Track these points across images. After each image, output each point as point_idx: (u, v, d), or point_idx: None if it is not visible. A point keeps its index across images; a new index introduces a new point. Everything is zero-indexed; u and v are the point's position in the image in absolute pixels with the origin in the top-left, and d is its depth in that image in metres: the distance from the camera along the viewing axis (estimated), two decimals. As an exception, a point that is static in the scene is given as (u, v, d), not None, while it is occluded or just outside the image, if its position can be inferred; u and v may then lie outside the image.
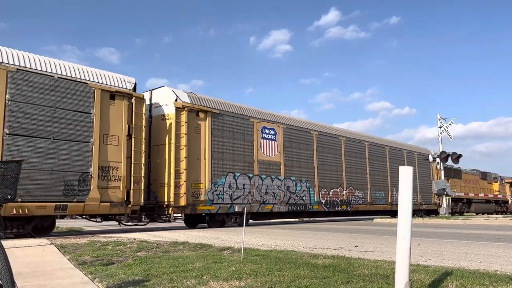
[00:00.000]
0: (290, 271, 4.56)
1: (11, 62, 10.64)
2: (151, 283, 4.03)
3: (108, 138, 12.13)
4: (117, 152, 12.27)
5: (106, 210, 12.01)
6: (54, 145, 10.98)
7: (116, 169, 12.20)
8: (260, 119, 16.98)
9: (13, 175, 2.63)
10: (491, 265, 5.08)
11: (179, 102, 14.12)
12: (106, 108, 12.13)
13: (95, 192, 11.61)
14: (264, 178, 16.58)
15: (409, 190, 3.25)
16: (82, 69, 12.00)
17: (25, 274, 4.71)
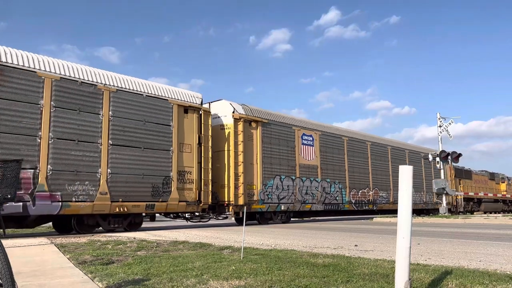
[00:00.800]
0: (290, 270, 4.56)
1: (111, 83, 12.57)
2: (151, 282, 4.03)
3: (183, 147, 14.15)
4: (190, 158, 14.25)
5: (183, 208, 14.05)
6: (144, 153, 12.91)
7: (189, 173, 14.17)
8: (300, 127, 19.03)
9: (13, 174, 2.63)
10: (490, 264, 5.08)
11: (236, 113, 16.14)
12: (181, 120, 14.18)
13: (175, 193, 13.61)
14: (304, 180, 18.51)
15: (408, 189, 3.25)
16: (163, 88, 14.08)
17: (25, 274, 4.71)
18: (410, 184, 3.27)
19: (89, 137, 11.84)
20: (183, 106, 14.26)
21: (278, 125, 17.87)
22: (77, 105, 11.67)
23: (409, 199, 3.24)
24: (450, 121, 26.61)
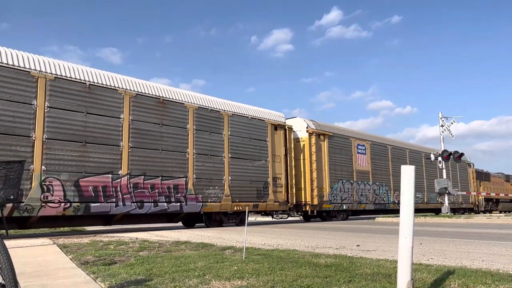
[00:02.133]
0: (292, 271, 4.56)
1: (228, 109, 15.88)
2: (153, 282, 4.04)
3: (275, 157, 17.40)
4: (280, 167, 17.54)
5: (276, 207, 17.32)
6: (250, 164, 16.34)
7: (280, 179, 17.42)
8: (356, 138, 22.28)
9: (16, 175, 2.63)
10: (493, 264, 5.07)
11: (310, 129, 19.46)
12: (273, 136, 17.47)
13: (271, 195, 16.89)
14: (360, 183, 21.79)
15: (411, 189, 3.25)
16: (261, 110, 17.50)
17: (27, 274, 4.72)
18: (412, 184, 3.27)
19: (217, 152, 15.15)
20: (274, 125, 17.64)
21: (340, 137, 21.23)
22: (208, 127, 15.03)
23: (411, 199, 3.24)
24: (452, 120, 26.57)
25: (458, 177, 31.04)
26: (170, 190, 13.51)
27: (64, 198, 11.09)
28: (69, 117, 11.48)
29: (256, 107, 17.41)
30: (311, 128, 19.40)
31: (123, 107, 12.63)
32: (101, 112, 12.15)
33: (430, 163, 27.20)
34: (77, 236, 10.58)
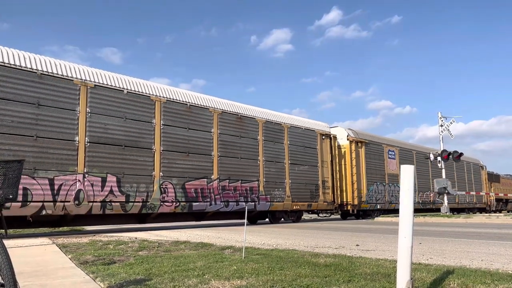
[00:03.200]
0: (291, 270, 4.56)
1: (288, 122, 18.42)
2: (153, 282, 4.03)
3: (323, 163, 19.83)
4: (327, 171, 19.94)
5: (325, 207, 19.91)
6: (305, 168, 18.85)
7: (327, 182, 19.87)
8: (387, 145, 24.97)
9: (15, 174, 2.62)
10: (492, 264, 5.08)
11: (350, 137, 21.89)
12: (321, 144, 19.93)
13: (321, 196, 19.37)
14: (390, 185, 24.28)
15: (410, 189, 3.25)
16: (311, 122, 20.18)
17: (26, 274, 4.71)
18: (412, 183, 3.27)
19: (279, 159, 17.73)
20: (322, 134, 20.07)
21: (374, 144, 23.69)
22: (273, 138, 17.56)
23: (410, 199, 3.24)
24: (451, 120, 26.56)
25: (473, 179, 33.68)
26: (247, 192, 16.15)
27: (175, 198, 13.74)
28: (177, 132, 14.08)
29: (307, 119, 20.43)
30: (351, 137, 21.99)
31: (213, 123, 15.29)
32: (198, 127, 14.79)
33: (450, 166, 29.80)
34: (76, 236, 10.58)
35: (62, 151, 11.25)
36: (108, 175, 12.11)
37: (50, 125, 11.13)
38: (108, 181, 12.07)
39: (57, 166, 11.10)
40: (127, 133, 12.68)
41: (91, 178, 11.71)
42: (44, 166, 10.87)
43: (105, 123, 12.20)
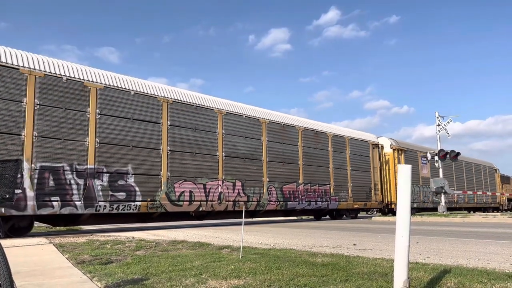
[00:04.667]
0: (289, 270, 4.56)
1: (331, 131, 20.75)
2: (150, 281, 4.03)
3: (374, 169, 23.05)
4: (377, 175, 23.30)
5: (376, 206, 23.26)
6: (361, 173, 22.02)
7: (377, 185, 23.16)
8: (420, 151, 28.27)
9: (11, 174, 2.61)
10: (489, 263, 5.09)
11: (393, 146, 25.26)
12: (372, 153, 23.13)
13: (374, 197, 22.63)
14: (423, 187, 27.43)
15: (407, 189, 3.25)
16: (364, 134, 23.39)
17: (23, 273, 4.70)
18: (409, 183, 3.27)
19: (343, 166, 21.01)
20: (372, 144, 23.38)
21: (410, 151, 27.17)
22: (339, 149, 20.87)
23: (407, 198, 3.25)
24: (448, 120, 26.60)
25: (488, 181, 37.21)
26: (322, 193, 19.49)
27: (277, 198, 17.18)
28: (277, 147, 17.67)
29: (361, 132, 23.82)
30: (394, 145, 25.47)
31: (298, 138, 18.75)
32: (290, 142, 18.30)
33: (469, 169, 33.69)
34: (74, 236, 10.55)
35: (210, 163, 14.90)
36: (236, 181, 15.72)
37: (203, 145, 14.79)
38: (236, 185, 15.69)
39: (207, 174, 14.77)
40: (248, 148, 16.36)
41: (226, 183, 15.34)
42: (201, 175, 14.54)
43: (234, 141, 15.90)
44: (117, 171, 12.22)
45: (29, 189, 10.48)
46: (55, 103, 11.24)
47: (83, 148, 11.61)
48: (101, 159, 11.94)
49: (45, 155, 10.87)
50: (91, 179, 11.65)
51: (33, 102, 10.82)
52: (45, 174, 10.78)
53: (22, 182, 10.32)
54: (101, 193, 11.84)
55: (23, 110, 10.65)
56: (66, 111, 11.40)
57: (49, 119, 11.08)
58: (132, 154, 12.62)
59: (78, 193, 11.37)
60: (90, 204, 11.55)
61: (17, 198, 10.18)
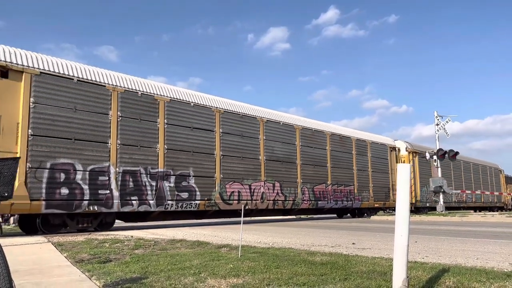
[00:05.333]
0: (287, 268, 4.56)
1: (354, 136, 22.32)
2: (149, 280, 4.03)
3: (392, 170, 24.29)
4: (394, 177, 23.64)
5: (393, 205, 22.45)
6: (380, 175, 23.45)
7: (394, 185, 22.94)
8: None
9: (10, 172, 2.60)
10: (488, 262, 5.10)
11: (408, 148, 27.06)
12: (390, 155, 24.68)
13: (391, 197, 23.76)
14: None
15: (406, 188, 3.26)
16: (383, 138, 25.04)
17: (22, 272, 4.70)
18: (408, 182, 3.28)
19: (365, 168, 22.46)
20: (390, 147, 24.78)
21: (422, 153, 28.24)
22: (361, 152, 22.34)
23: (406, 197, 3.25)
24: (447, 119, 26.70)
25: (494, 181, 38.85)
26: (347, 193, 20.95)
27: (309, 198, 18.73)
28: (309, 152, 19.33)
29: (379, 135, 25.31)
30: (409, 148, 26.97)
31: (326, 143, 20.28)
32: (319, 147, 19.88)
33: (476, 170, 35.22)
34: (72, 234, 10.54)
35: (254, 166, 16.52)
36: (275, 182, 17.29)
37: (248, 149, 16.43)
38: (275, 186, 17.31)
39: (252, 176, 16.37)
40: (284, 152, 18.03)
41: (267, 184, 16.93)
42: (246, 177, 16.12)
43: (273, 146, 17.50)
44: (181, 173, 13.89)
45: (115, 189, 12.11)
46: (132, 115, 12.84)
47: (155, 154, 13.25)
48: (169, 163, 13.59)
49: (126, 161, 12.46)
50: (161, 181, 13.28)
51: (116, 114, 12.45)
52: (126, 177, 12.42)
53: (110, 184, 11.97)
54: (169, 193, 13.47)
55: (109, 121, 12.27)
56: (141, 121, 13.08)
57: (128, 129, 12.68)
58: (192, 158, 14.30)
59: (151, 193, 13.01)
60: (160, 202, 13.17)
61: (106, 197, 11.86)
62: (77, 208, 11.30)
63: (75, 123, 11.55)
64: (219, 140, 15.28)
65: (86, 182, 11.54)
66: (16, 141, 10.51)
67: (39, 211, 10.66)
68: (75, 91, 11.67)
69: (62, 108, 11.37)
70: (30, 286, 3.97)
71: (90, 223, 11.99)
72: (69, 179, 11.23)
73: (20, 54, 10.97)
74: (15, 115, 10.57)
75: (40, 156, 10.80)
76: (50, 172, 10.91)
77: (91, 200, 11.59)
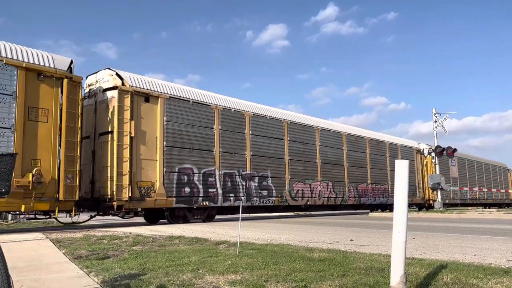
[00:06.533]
0: (285, 265, 4.57)
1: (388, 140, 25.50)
2: (147, 276, 4.03)
3: (417, 170, 27.07)
4: (420, 176, 27.53)
5: (419, 201, 27.13)
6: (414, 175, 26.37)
7: (419, 183, 27.27)
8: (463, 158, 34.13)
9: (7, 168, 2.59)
10: (485, 258, 5.11)
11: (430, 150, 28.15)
12: (416, 157, 27.12)
13: (417, 194, 26.74)
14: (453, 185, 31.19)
15: (405, 184, 3.25)
16: (409, 141, 27.61)
17: (20, 268, 4.69)
18: (406, 178, 3.27)
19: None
20: (416, 149, 27.42)
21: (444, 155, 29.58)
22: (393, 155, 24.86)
23: (405, 193, 3.25)
24: (445, 116, 26.74)
25: (502, 180, 41.12)
26: (382, 191, 23.73)
27: (354, 195, 21.57)
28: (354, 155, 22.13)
29: (407, 139, 28.77)
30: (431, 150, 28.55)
31: (366, 148, 23.05)
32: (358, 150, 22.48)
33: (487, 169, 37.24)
34: (70, 231, 10.54)
35: (313, 168, 19.60)
36: (328, 182, 20.21)
37: (308, 154, 19.54)
38: (328, 185, 20.26)
39: (311, 177, 19.45)
40: (335, 156, 21.00)
41: (323, 183, 19.90)
42: (307, 177, 19.19)
43: (326, 151, 20.49)
44: (262, 175, 17.05)
45: (219, 188, 15.27)
46: (228, 128, 16.00)
47: (244, 159, 16.38)
48: (253, 166, 16.73)
49: (225, 165, 15.58)
50: (249, 181, 16.46)
51: (218, 128, 15.59)
52: (226, 178, 15.54)
53: (215, 184, 15.13)
54: (254, 191, 16.60)
55: (213, 134, 15.35)
56: (234, 133, 16.22)
57: (226, 139, 15.76)
58: (269, 162, 17.44)
59: (243, 191, 16.16)
60: (249, 199, 16.36)
61: (213, 194, 14.98)
62: (195, 203, 14.48)
63: (192, 136, 14.65)
64: (287, 147, 18.55)
65: (200, 182, 14.64)
66: (156, 151, 13.44)
67: (171, 206, 13.80)
68: (191, 110, 14.78)
69: (184, 124, 14.46)
70: (28, 282, 3.97)
71: (201, 215, 15.02)
72: (190, 180, 14.35)
73: (156, 83, 14.16)
74: (154, 131, 13.53)
75: (171, 162, 13.82)
76: (178, 174, 13.95)
77: (204, 197, 14.70)
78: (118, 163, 12.34)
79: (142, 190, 12.92)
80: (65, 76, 11.46)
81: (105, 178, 12.46)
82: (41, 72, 11.08)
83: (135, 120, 12.96)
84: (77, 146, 11.53)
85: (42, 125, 11.02)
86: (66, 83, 11.39)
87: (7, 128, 10.40)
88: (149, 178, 13.19)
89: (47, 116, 11.16)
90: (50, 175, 10.94)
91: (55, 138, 11.15)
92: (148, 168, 13.15)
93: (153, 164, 13.35)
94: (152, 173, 13.25)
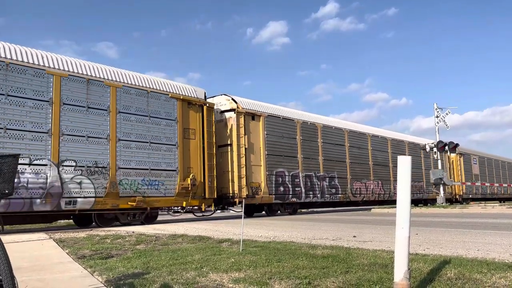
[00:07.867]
0: (289, 262, 4.57)
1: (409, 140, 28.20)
2: (151, 275, 4.03)
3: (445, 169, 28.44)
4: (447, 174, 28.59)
5: (447, 196, 27.59)
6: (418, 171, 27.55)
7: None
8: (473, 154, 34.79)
9: (11, 169, 2.58)
10: (488, 253, 5.10)
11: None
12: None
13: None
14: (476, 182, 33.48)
15: (408, 180, 3.24)
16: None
17: (24, 269, 4.70)
18: (409, 174, 3.26)
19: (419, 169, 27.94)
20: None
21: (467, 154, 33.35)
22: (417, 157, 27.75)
23: (407, 189, 3.24)
24: (447, 111, 26.65)
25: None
26: (419, 188, 27.19)
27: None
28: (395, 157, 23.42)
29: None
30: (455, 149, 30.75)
31: (405, 149, 26.48)
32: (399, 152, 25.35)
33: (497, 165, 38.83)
34: (74, 231, 10.57)
35: (366, 169, 23.19)
36: (378, 181, 23.88)
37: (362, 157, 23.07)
38: (378, 184, 23.93)
39: (366, 177, 23.05)
40: (382, 158, 24.32)
41: (374, 182, 23.52)
42: (363, 177, 22.81)
43: (376, 154, 23.93)
44: (331, 176, 20.61)
45: (302, 187, 18.96)
46: (306, 137, 19.75)
47: (317, 163, 20.10)
48: (325, 169, 20.35)
49: (305, 168, 19.27)
50: (322, 181, 20.07)
51: (300, 138, 19.39)
52: (306, 179, 19.27)
53: (300, 183, 18.76)
54: (326, 189, 20.24)
55: (296, 143, 19.22)
56: (310, 142, 19.99)
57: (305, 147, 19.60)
58: (335, 165, 20.99)
59: (318, 189, 19.85)
60: (322, 196, 20.00)
61: (298, 192, 18.68)
62: (287, 199, 18.20)
63: (282, 145, 18.44)
64: (348, 151, 22.06)
65: (290, 182, 18.39)
66: (260, 158, 17.27)
67: (271, 202, 17.57)
68: (281, 125, 18.60)
69: (277, 136, 18.22)
70: (32, 282, 3.98)
71: (290, 209, 18.77)
72: (283, 181, 18.12)
73: (258, 104, 18.07)
74: (259, 142, 17.40)
75: (270, 167, 17.64)
76: (275, 177, 17.71)
77: (292, 194, 18.45)
78: (238, 169, 16.16)
79: (253, 189, 16.73)
80: (204, 103, 15.32)
81: (226, 180, 16.10)
82: (190, 101, 14.94)
83: (247, 135, 16.74)
84: (213, 157, 15.41)
85: (192, 141, 14.82)
86: (205, 109, 15.29)
87: (173, 145, 14.15)
88: (257, 180, 17.02)
89: (195, 134, 15.00)
90: (199, 179, 14.73)
91: (200, 151, 14.98)
92: (256, 172, 17.01)
93: (259, 169, 17.18)
94: (259, 176, 17.07)
